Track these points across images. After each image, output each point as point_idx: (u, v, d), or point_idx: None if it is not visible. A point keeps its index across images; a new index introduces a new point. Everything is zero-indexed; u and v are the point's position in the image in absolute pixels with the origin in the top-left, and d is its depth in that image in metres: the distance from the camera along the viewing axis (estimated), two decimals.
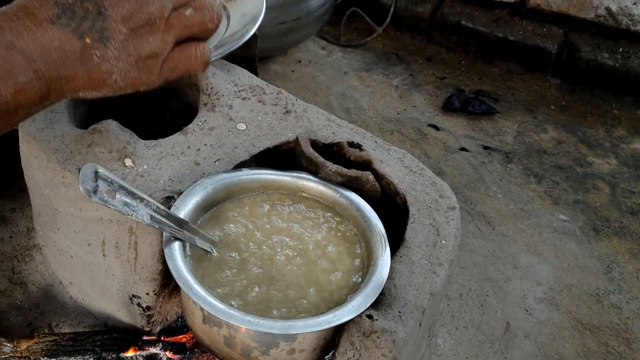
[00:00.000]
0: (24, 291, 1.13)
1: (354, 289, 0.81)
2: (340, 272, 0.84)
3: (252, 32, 0.96)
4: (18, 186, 1.27)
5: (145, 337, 0.99)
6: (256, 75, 1.19)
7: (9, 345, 0.98)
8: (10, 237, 1.22)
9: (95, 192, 0.68)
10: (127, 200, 0.71)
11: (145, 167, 0.94)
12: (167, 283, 0.94)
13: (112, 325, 1.06)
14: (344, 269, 0.85)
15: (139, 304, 0.96)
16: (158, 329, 0.99)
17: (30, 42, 0.48)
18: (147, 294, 0.94)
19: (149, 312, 0.96)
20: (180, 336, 0.99)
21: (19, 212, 1.27)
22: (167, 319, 0.99)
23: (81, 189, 0.66)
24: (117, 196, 0.70)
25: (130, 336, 1.00)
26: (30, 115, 0.53)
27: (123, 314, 1.02)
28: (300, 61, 2.00)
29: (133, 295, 0.95)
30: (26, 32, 0.48)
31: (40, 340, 1.00)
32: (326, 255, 0.86)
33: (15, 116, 0.50)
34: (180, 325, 1.02)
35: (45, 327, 1.07)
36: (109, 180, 0.69)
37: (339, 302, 0.79)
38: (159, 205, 0.77)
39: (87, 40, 0.50)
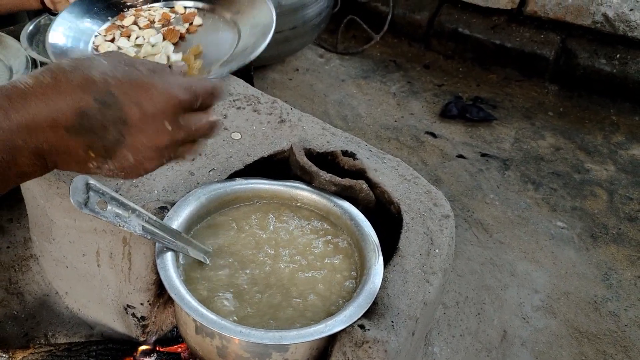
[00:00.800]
0: (21, 301, 1.13)
1: (347, 298, 0.81)
2: (333, 281, 0.84)
3: (262, 47, 0.96)
4: (15, 197, 1.27)
5: (140, 348, 0.99)
6: (252, 84, 1.20)
7: (4, 355, 0.98)
8: (8, 247, 1.22)
9: (86, 204, 0.68)
10: (119, 211, 0.71)
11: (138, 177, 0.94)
12: (162, 293, 0.94)
13: (107, 336, 1.06)
14: (337, 277, 0.84)
15: (133, 314, 0.96)
16: (153, 339, 0.99)
17: (42, 144, 0.50)
18: (141, 304, 0.94)
19: (143, 322, 0.96)
20: (176, 346, 0.99)
21: (16, 223, 1.27)
22: (162, 329, 0.99)
23: (72, 201, 0.66)
24: (109, 207, 0.70)
25: (126, 346, 1.00)
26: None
27: (118, 324, 1.02)
28: (297, 69, 2.01)
29: (128, 306, 0.95)
30: (41, 133, 0.50)
31: (36, 351, 0.99)
32: (321, 264, 0.86)
33: (15, 184, 0.53)
34: (176, 335, 1.02)
35: (41, 338, 1.07)
36: (100, 191, 0.69)
37: (332, 312, 0.79)
38: (151, 216, 0.77)
39: (92, 154, 0.52)
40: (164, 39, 1.00)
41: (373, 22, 2.15)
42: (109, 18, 1.08)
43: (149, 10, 1.09)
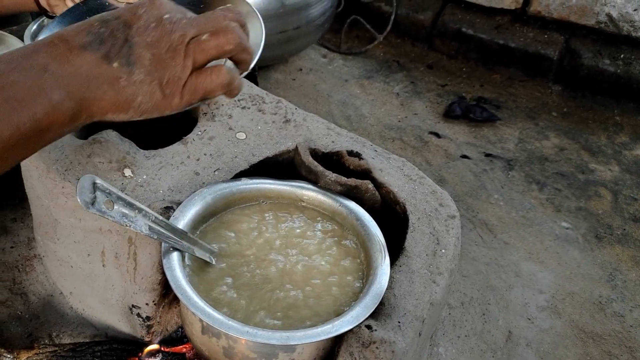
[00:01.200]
0: (25, 301, 1.13)
1: (354, 299, 0.81)
2: (340, 282, 0.84)
3: (253, 64, 0.96)
4: (19, 196, 1.27)
5: (145, 348, 0.99)
6: (256, 84, 1.20)
7: (9, 356, 0.98)
8: (12, 247, 1.22)
9: (93, 203, 0.68)
10: (125, 211, 0.71)
11: (144, 177, 0.94)
12: (167, 293, 0.94)
13: (112, 336, 1.06)
14: (343, 278, 0.84)
15: (138, 314, 0.96)
16: (158, 339, 0.99)
17: (63, 65, 0.53)
18: (146, 304, 0.94)
19: (148, 323, 0.96)
20: (181, 346, 0.98)
21: (19, 222, 1.27)
22: (167, 329, 0.99)
23: (79, 200, 0.66)
24: (115, 207, 0.70)
25: (131, 347, 1.00)
26: (61, 136, 0.57)
27: (123, 325, 1.01)
28: (301, 69, 2.00)
29: (133, 306, 0.95)
30: (60, 57, 0.53)
31: (41, 351, 0.99)
32: (329, 265, 0.86)
33: (47, 135, 0.54)
34: (181, 336, 1.01)
35: (46, 338, 1.07)
36: (107, 191, 0.69)
37: (340, 313, 0.79)
38: (158, 215, 0.77)
39: (115, 64, 0.55)
40: None
41: (376, 22, 2.15)
42: None
43: None
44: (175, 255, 0.79)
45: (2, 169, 0.53)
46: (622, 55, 1.97)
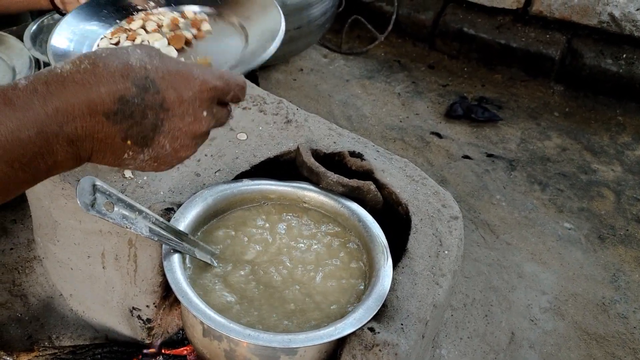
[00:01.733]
0: (24, 303, 1.12)
1: (357, 301, 0.80)
2: (344, 284, 0.83)
3: (271, 50, 0.94)
4: (19, 198, 1.26)
5: (145, 350, 0.98)
6: (257, 84, 1.19)
7: (8, 359, 0.97)
8: (11, 248, 1.21)
9: (93, 205, 0.67)
10: (126, 212, 0.70)
11: (145, 178, 0.93)
12: (168, 295, 0.93)
13: (112, 338, 1.05)
14: (348, 280, 0.83)
15: (139, 317, 0.95)
16: (159, 341, 0.98)
17: (79, 130, 0.48)
18: (147, 306, 0.93)
19: (149, 325, 0.95)
20: (181, 349, 0.98)
21: (19, 224, 1.27)
22: (167, 332, 0.98)
23: (79, 202, 0.65)
24: (116, 209, 0.69)
25: (131, 349, 0.99)
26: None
27: (123, 327, 1.01)
28: (302, 69, 2.00)
29: (133, 308, 0.95)
30: (79, 119, 0.48)
31: (40, 354, 0.99)
32: (331, 266, 0.85)
33: (44, 177, 0.51)
34: (181, 338, 1.01)
35: (46, 340, 1.06)
36: (107, 193, 0.69)
37: (341, 315, 0.78)
38: (158, 217, 0.76)
39: (129, 142, 0.51)
40: (169, 43, 0.98)
41: (377, 22, 2.14)
42: (117, 21, 1.07)
43: (159, 14, 1.07)
44: (176, 257, 0.78)
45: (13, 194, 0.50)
46: (624, 55, 1.96)
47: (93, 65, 0.49)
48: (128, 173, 0.93)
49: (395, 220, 0.97)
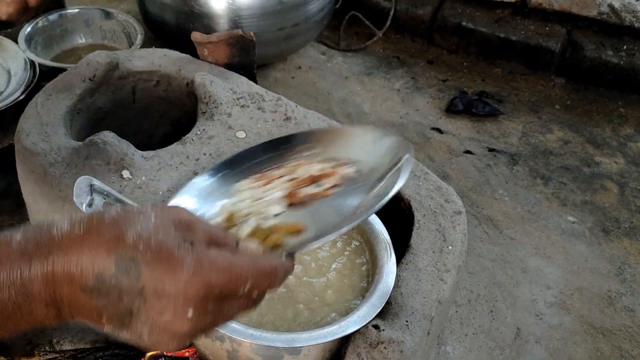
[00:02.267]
0: None
1: (361, 298, 0.79)
2: (345, 282, 0.82)
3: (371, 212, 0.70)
4: (16, 201, 1.25)
5: (147, 353, 0.97)
6: (255, 82, 1.18)
7: None
8: None
9: (90, 205, 0.66)
10: None
11: (143, 178, 0.92)
12: None
13: (113, 341, 1.04)
14: (349, 278, 0.82)
15: None
16: None
17: (57, 295, 0.46)
18: None
19: None
20: (183, 350, 0.97)
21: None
22: None
23: (76, 202, 0.64)
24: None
25: (132, 352, 0.98)
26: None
27: None
28: (300, 67, 1.98)
29: None
30: (58, 286, 0.45)
31: (41, 358, 0.98)
32: (335, 263, 0.84)
33: (26, 329, 0.48)
34: None
35: (46, 345, 1.05)
36: (105, 193, 0.68)
37: (346, 313, 0.77)
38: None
39: (103, 320, 0.47)
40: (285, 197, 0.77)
41: (375, 18, 2.13)
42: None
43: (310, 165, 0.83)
44: None
45: None
46: (625, 47, 1.95)
47: (87, 232, 0.46)
48: (126, 173, 0.92)
49: (398, 216, 0.96)
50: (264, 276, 0.50)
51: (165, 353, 0.70)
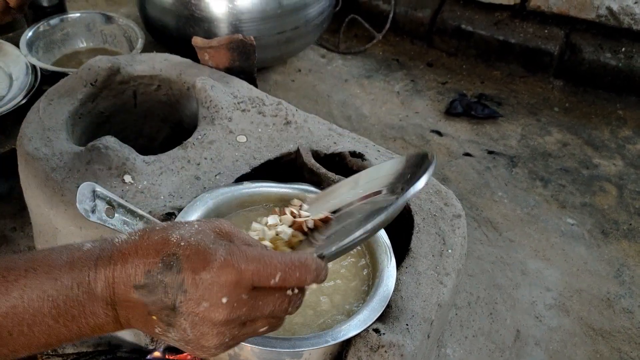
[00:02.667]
0: None
1: (361, 302, 0.79)
2: (346, 286, 0.82)
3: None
4: (18, 205, 1.26)
5: (149, 356, 0.97)
6: (255, 86, 1.19)
7: None
8: None
9: (93, 211, 0.66)
10: (126, 218, 0.70)
11: (145, 183, 0.93)
12: None
13: (115, 344, 1.04)
14: (349, 282, 0.83)
15: None
16: (162, 347, 0.97)
17: (116, 296, 0.52)
18: None
19: None
20: (184, 354, 0.97)
21: (19, 232, 1.26)
22: None
23: (79, 208, 0.65)
24: (116, 215, 0.69)
25: (135, 355, 0.99)
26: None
27: (127, 333, 1.00)
28: (300, 70, 1.99)
29: None
30: (117, 287, 0.52)
31: None
32: (332, 268, 0.84)
33: (88, 336, 0.54)
34: None
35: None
36: (107, 198, 0.68)
37: (347, 317, 0.77)
38: (159, 222, 0.75)
39: (154, 317, 0.52)
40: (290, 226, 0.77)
41: (375, 20, 2.14)
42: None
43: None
44: None
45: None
46: (623, 49, 1.95)
47: (140, 238, 0.53)
48: (128, 178, 0.93)
49: (398, 219, 0.96)
50: (294, 268, 0.53)
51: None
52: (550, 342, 1.24)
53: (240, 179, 0.95)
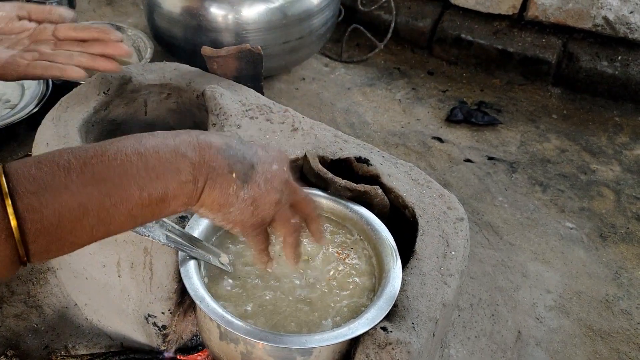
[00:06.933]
0: (40, 314, 1.14)
1: (368, 302, 0.82)
2: (353, 287, 0.85)
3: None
4: None
5: (161, 357, 1.00)
6: (262, 94, 1.22)
7: None
8: None
9: None
10: (170, 234, 0.73)
11: None
12: (182, 301, 0.95)
13: (127, 346, 1.07)
14: (356, 283, 0.86)
15: (154, 323, 0.97)
16: (174, 348, 1.00)
17: (199, 158, 0.62)
18: (162, 312, 0.95)
19: (164, 331, 0.98)
20: (196, 354, 1.00)
21: None
22: (182, 338, 1.01)
23: None
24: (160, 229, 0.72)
25: (147, 356, 1.02)
26: (167, 215, 0.63)
27: (139, 334, 1.03)
28: (304, 78, 2.03)
29: (149, 315, 0.97)
30: (199, 149, 0.63)
31: None
32: (344, 269, 0.87)
33: (163, 209, 0.61)
34: (195, 344, 1.03)
35: (62, 350, 1.08)
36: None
37: (355, 316, 0.80)
38: (174, 225, 0.79)
39: (234, 175, 0.64)
40: None
41: (376, 30, 2.18)
42: None
43: None
44: (192, 264, 0.81)
45: (120, 230, 0.61)
46: (619, 57, 1.99)
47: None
48: None
49: (403, 223, 1.00)
50: (304, 193, 0.75)
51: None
52: (550, 342, 1.27)
53: None
